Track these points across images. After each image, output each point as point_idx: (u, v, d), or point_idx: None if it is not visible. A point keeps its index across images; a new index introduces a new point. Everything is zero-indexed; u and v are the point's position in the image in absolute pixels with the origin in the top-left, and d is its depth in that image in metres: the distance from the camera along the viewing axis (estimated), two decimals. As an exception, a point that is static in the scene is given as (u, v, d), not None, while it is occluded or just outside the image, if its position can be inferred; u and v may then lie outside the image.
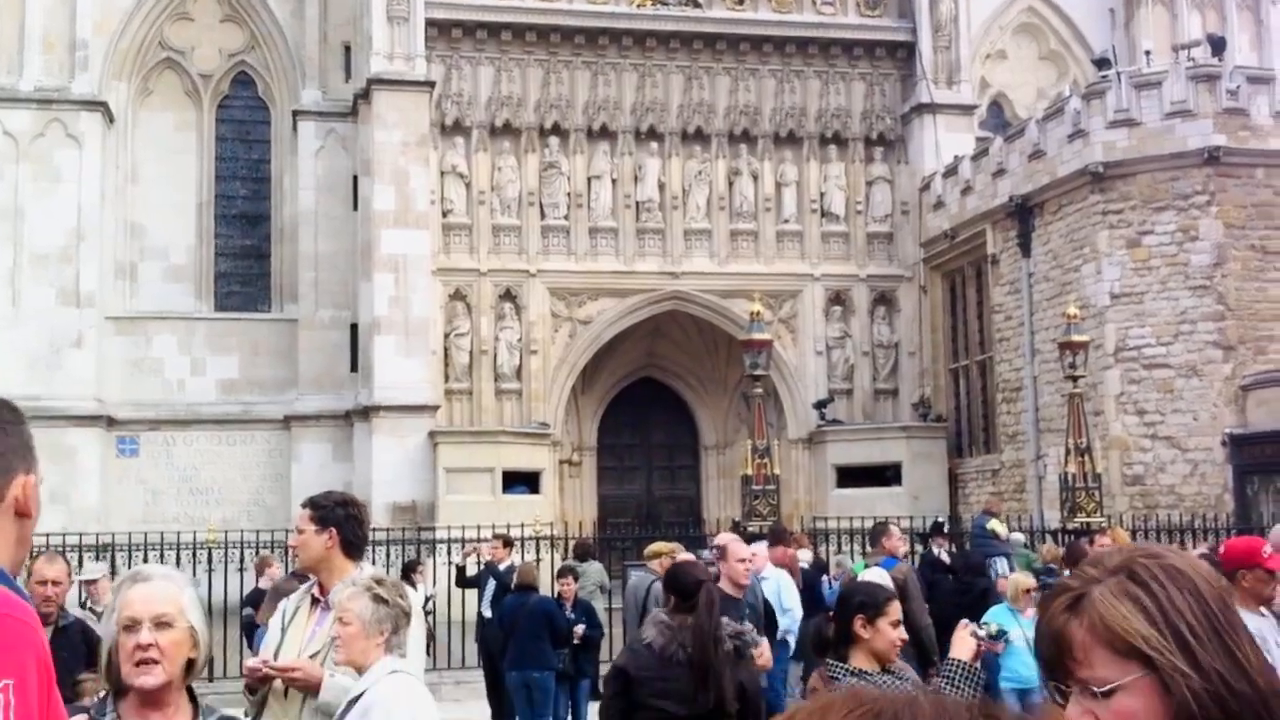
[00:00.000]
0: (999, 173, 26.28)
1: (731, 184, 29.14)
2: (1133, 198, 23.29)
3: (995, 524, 17.55)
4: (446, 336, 27.41)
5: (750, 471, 18.33)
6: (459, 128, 28.01)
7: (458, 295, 27.63)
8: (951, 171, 28.06)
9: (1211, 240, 22.78)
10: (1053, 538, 18.95)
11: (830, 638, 5.22)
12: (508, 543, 15.43)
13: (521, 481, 25.67)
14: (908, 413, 28.99)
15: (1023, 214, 25.53)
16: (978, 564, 13.94)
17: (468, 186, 27.91)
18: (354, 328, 27.96)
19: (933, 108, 29.11)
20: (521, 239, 28.05)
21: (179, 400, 28.27)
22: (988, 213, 26.66)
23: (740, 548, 8.23)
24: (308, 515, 4.99)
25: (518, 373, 27.72)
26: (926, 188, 29.08)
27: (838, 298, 29.36)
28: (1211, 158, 22.71)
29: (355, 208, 28.14)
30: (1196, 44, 26.66)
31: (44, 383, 26.03)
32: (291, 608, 5.05)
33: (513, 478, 25.62)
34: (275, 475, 27.98)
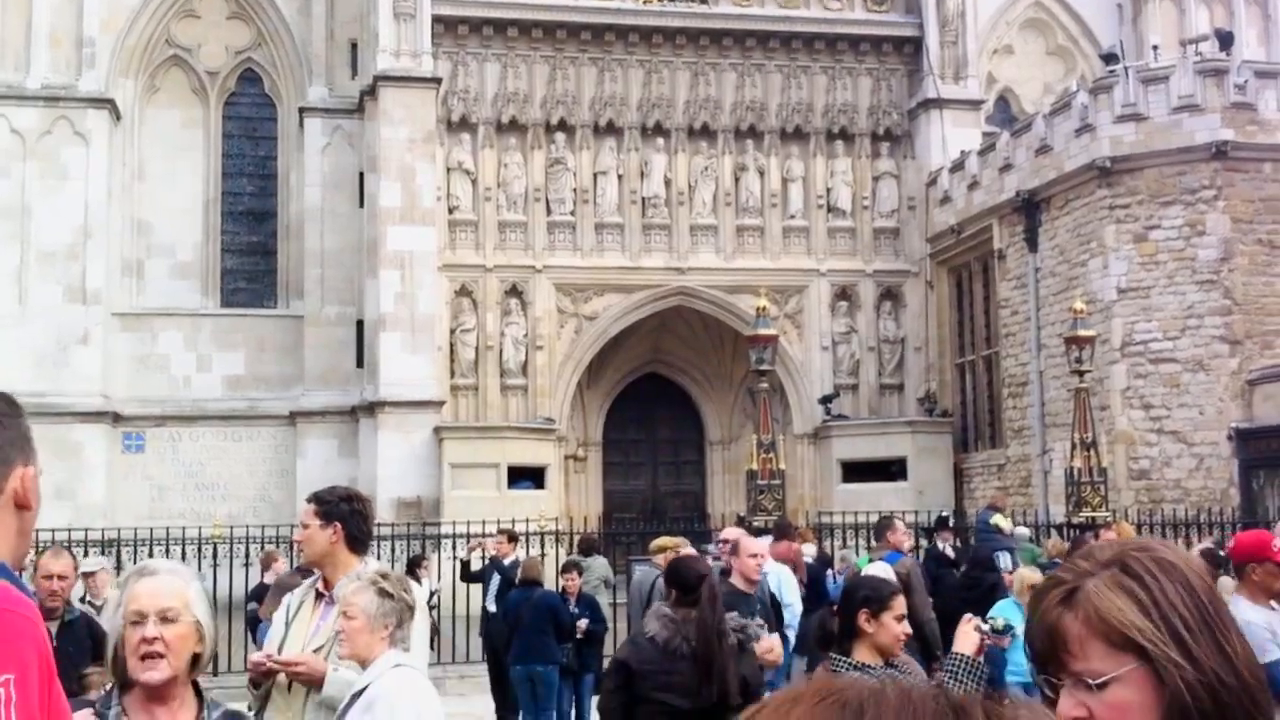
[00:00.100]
0: (1006, 168, 26.24)
1: (738, 180, 29.12)
2: (1140, 192, 23.25)
3: (999, 519, 17.54)
4: (452, 332, 27.43)
5: (755, 466, 18.30)
6: (465, 124, 28.02)
7: (464, 291, 27.65)
8: (958, 167, 28.02)
9: (1218, 235, 22.74)
10: (1058, 532, 18.92)
11: (834, 632, 5.22)
12: (512, 538, 15.45)
13: (527, 477, 25.70)
14: (913, 408, 28.97)
15: (1029, 209, 25.49)
16: (986, 558, 13.91)
17: (474, 183, 27.92)
18: (360, 324, 27.99)
19: (939, 103, 29.06)
20: (527, 235, 28.06)
21: (185, 396, 28.32)
22: (994, 208, 26.62)
23: (752, 543, 8.20)
24: (312, 510, 5.00)
25: (523, 368, 27.74)
26: (933, 183, 29.04)
27: (844, 293, 29.34)
28: (1219, 152, 22.66)
29: (361, 204, 28.16)
30: (1204, 38, 26.61)
31: (51, 379, 26.11)
32: (296, 602, 5.07)
33: (518, 473, 25.65)
34: (281, 471, 28.03)
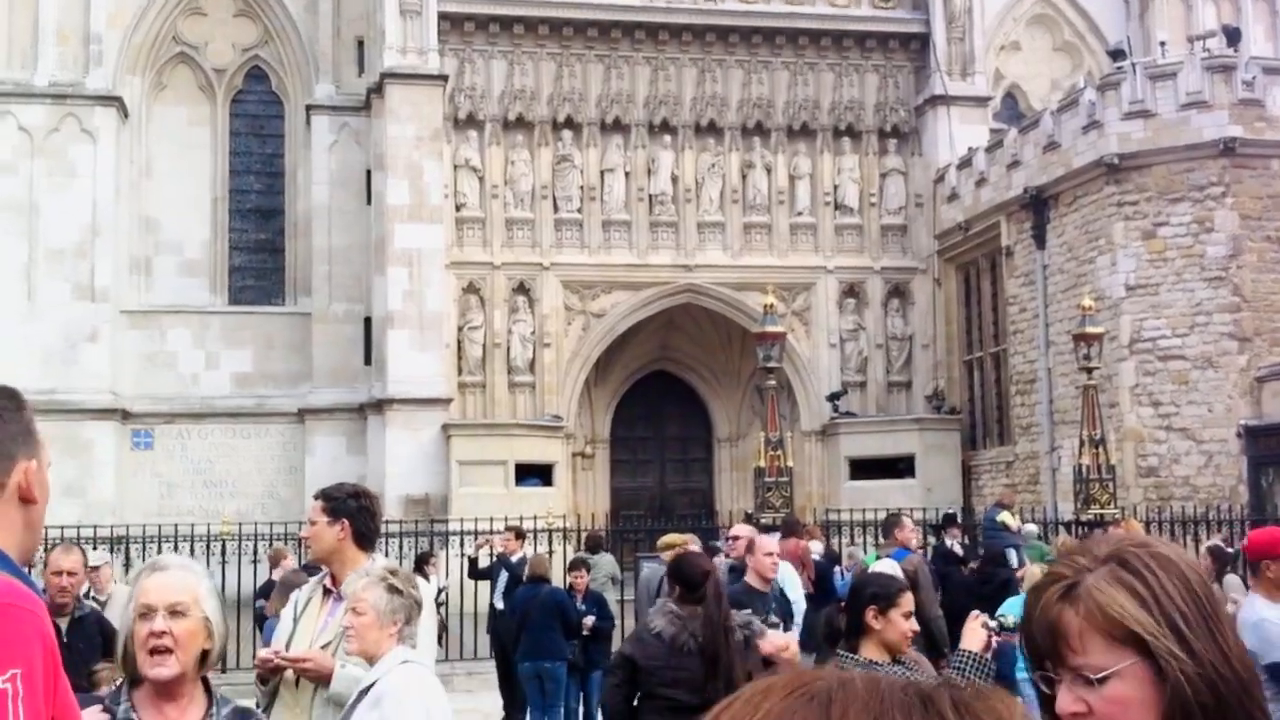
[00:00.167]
0: (1013, 164, 26.19)
1: (745, 177, 29.10)
2: (1148, 189, 23.20)
3: (1005, 516, 17.59)
4: (460, 330, 27.45)
5: (763, 464, 18.25)
6: (472, 121, 28.02)
7: (471, 289, 27.67)
8: (966, 163, 27.97)
9: (1227, 232, 22.69)
10: (1067, 529, 18.91)
11: (842, 628, 5.22)
12: (520, 535, 15.44)
13: (534, 474, 25.71)
14: (921, 405, 28.94)
15: (1037, 206, 25.45)
16: (999, 554, 13.89)
17: (481, 180, 27.93)
18: (368, 321, 28.02)
19: (946, 99, 29.01)
20: (535, 232, 28.06)
21: (193, 394, 28.37)
22: (1002, 204, 26.57)
23: (768, 541, 8.14)
24: (320, 507, 5.00)
25: (531, 366, 27.74)
26: (940, 180, 29.00)
27: (851, 290, 29.32)
28: (1227, 149, 22.61)
29: (369, 202, 28.18)
30: (1211, 35, 26.52)
31: (60, 376, 26.17)
32: (303, 599, 5.07)
33: (526, 470, 25.67)
34: (289, 468, 28.06)
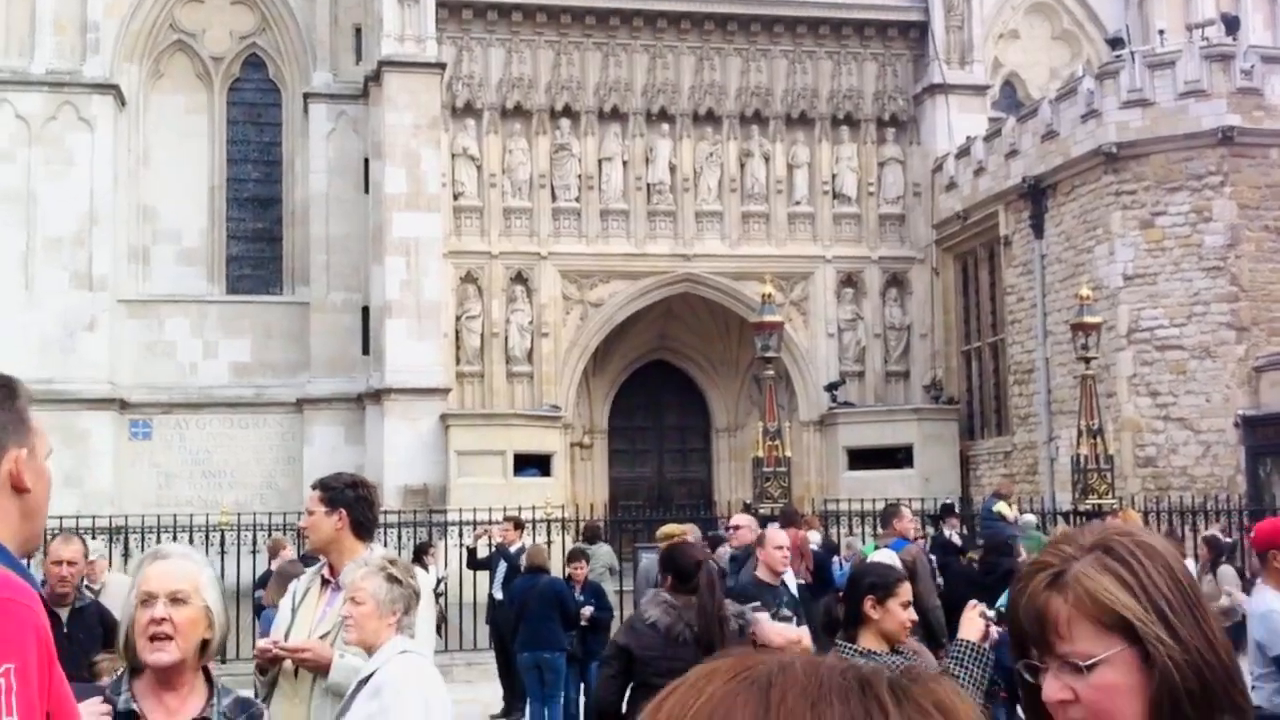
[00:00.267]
0: (1011, 153, 26.16)
1: (743, 166, 29.07)
2: (1146, 178, 23.18)
3: (1002, 506, 17.62)
4: (458, 319, 27.42)
5: (762, 454, 18.28)
6: (470, 110, 27.97)
7: (469, 278, 27.64)
8: (964, 152, 27.94)
9: (1225, 221, 22.67)
10: (1064, 519, 18.93)
11: (840, 618, 5.23)
12: (519, 525, 15.47)
13: (533, 464, 25.71)
14: (919, 395, 28.95)
15: (1035, 195, 25.43)
16: (1001, 543, 13.86)
17: (479, 169, 27.88)
18: (365, 311, 28.00)
19: (945, 88, 28.97)
20: (533, 221, 28.03)
21: (191, 383, 28.35)
22: (1000, 194, 26.55)
23: (778, 534, 8.06)
24: (318, 497, 5.01)
25: (529, 355, 27.73)
26: (939, 169, 28.97)
27: (849, 280, 29.30)
28: (1225, 138, 22.59)
29: (366, 190, 28.15)
30: (1210, 23, 26.49)
31: (57, 366, 26.14)
32: (302, 589, 5.07)
33: (524, 460, 25.67)
34: (288, 458, 28.06)
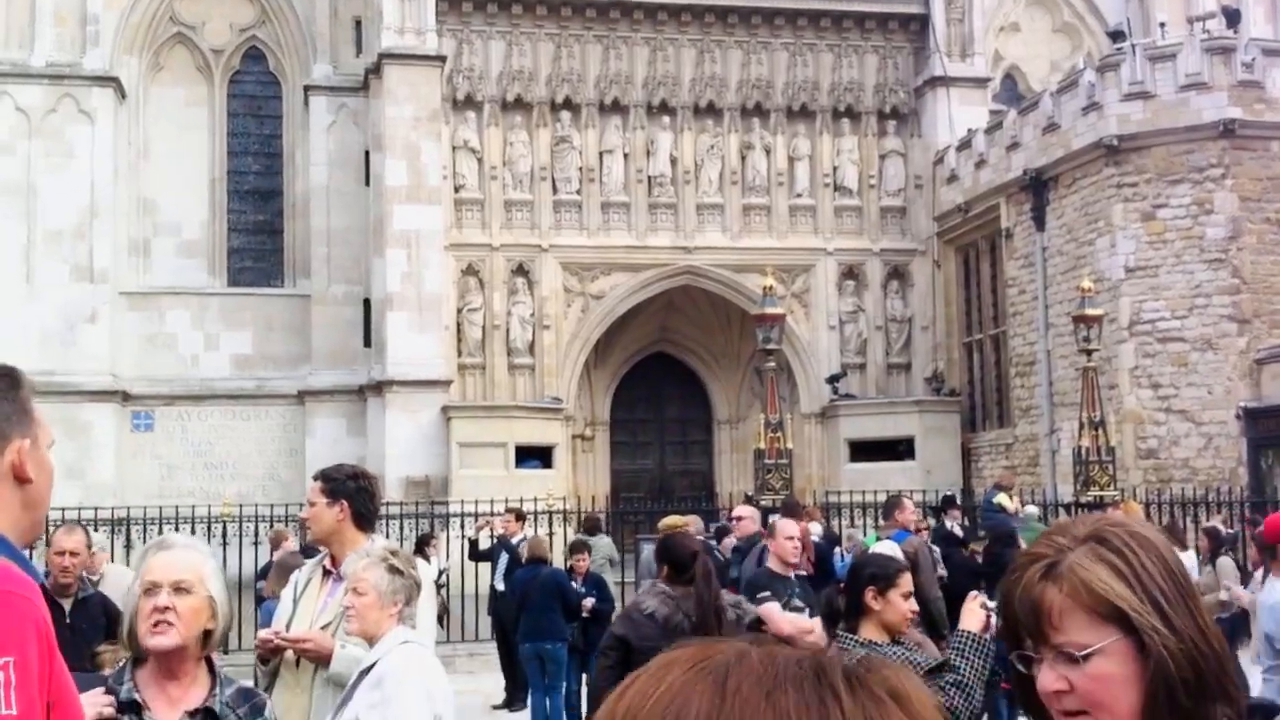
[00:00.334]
0: (1013, 146, 26.14)
1: (744, 158, 29.04)
2: (1147, 171, 23.17)
3: (1002, 497, 17.61)
4: (459, 312, 27.42)
5: (763, 446, 18.27)
6: (470, 102, 27.94)
7: (470, 270, 27.63)
8: (965, 145, 27.92)
9: (1226, 213, 22.66)
10: (1066, 511, 18.93)
11: (841, 609, 5.23)
12: (520, 517, 15.50)
13: (534, 456, 25.74)
14: (921, 387, 28.95)
15: (1037, 187, 25.41)
16: (1006, 534, 13.85)
17: (479, 161, 27.86)
18: (367, 303, 28.01)
19: (946, 81, 28.94)
20: (534, 214, 28.01)
21: (193, 375, 28.36)
22: (1001, 186, 26.54)
23: (789, 525, 7.97)
24: (319, 488, 5.01)
25: (530, 348, 27.73)
26: (940, 161, 28.95)
27: (850, 272, 29.29)
28: (1226, 130, 22.57)
29: (367, 183, 28.14)
30: (1211, 16, 26.44)
31: (59, 358, 26.14)
32: (303, 579, 5.08)
33: (526, 452, 25.69)
34: (289, 450, 28.08)
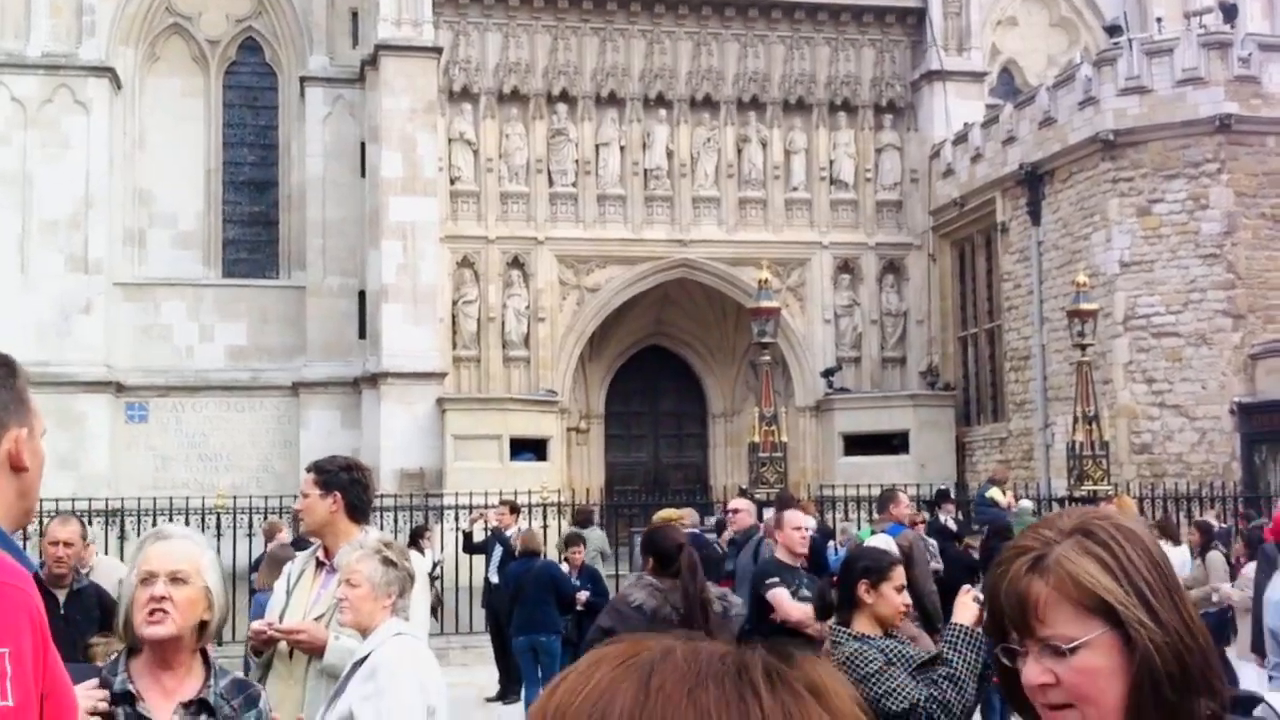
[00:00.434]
0: (1009, 140, 26.15)
1: (740, 151, 29.02)
2: (1143, 165, 23.18)
3: (995, 492, 17.64)
4: (454, 304, 27.40)
5: (758, 439, 18.29)
6: (467, 94, 27.90)
7: (465, 263, 27.61)
8: (961, 139, 27.92)
9: (1222, 209, 22.68)
10: (1060, 506, 18.95)
11: (834, 603, 5.24)
12: (515, 509, 15.50)
13: (529, 449, 25.73)
14: (916, 381, 28.96)
15: (1033, 182, 25.42)
16: (1003, 528, 13.86)
17: (475, 154, 27.82)
18: (362, 295, 27.98)
19: (943, 75, 28.92)
20: (529, 206, 27.99)
21: (188, 367, 28.34)
22: (997, 180, 26.54)
23: (796, 516, 7.95)
24: (312, 479, 5.00)
25: (525, 340, 27.72)
26: (936, 155, 28.94)
27: (846, 266, 29.28)
28: (1223, 126, 22.58)
29: (363, 175, 28.10)
30: (1208, 11, 26.44)
31: (53, 349, 26.11)
32: (297, 571, 5.08)
33: (520, 445, 25.68)
34: (284, 442, 28.07)
